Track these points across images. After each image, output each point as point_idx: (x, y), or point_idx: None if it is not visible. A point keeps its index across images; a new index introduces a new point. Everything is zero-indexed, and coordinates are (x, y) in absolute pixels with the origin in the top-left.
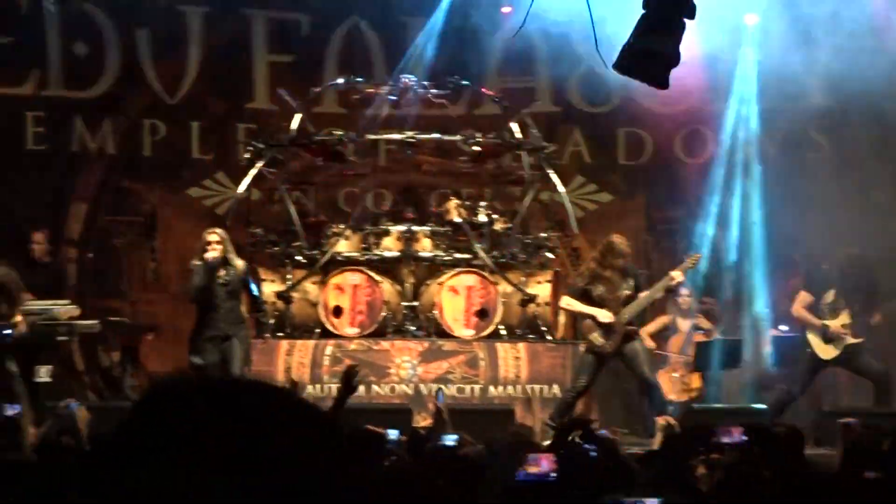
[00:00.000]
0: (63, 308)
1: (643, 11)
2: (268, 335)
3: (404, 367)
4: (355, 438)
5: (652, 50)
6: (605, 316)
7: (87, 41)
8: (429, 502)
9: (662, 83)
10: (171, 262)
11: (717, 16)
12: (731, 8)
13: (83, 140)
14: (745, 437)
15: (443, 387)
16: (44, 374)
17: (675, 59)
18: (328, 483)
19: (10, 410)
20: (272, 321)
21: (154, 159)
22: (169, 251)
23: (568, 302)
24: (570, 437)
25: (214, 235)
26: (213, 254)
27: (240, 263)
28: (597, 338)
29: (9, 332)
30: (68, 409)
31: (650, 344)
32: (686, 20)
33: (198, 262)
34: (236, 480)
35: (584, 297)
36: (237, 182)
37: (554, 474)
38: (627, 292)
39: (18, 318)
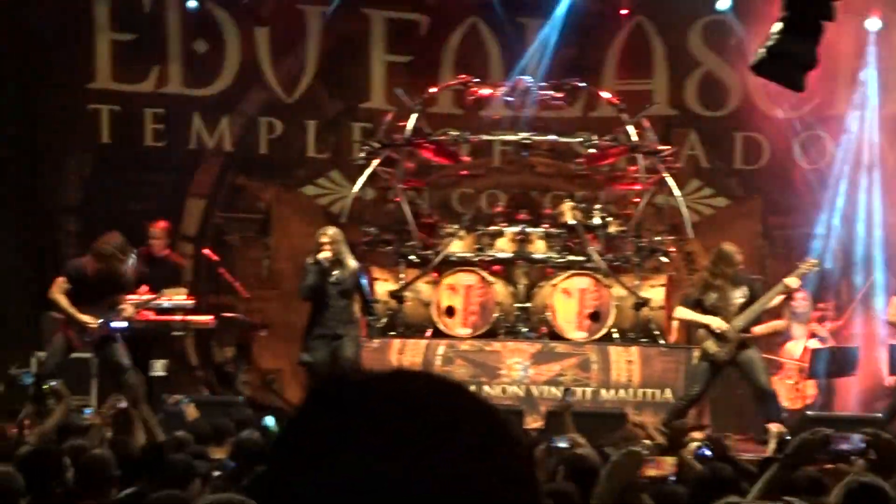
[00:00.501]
0: (170, 290)
1: (783, 13)
2: (375, 341)
3: (516, 369)
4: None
5: (791, 52)
6: (718, 324)
7: (206, 39)
8: None
9: (799, 86)
10: (285, 259)
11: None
12: (852, 11)
13: (201, 137)
14: (862, 445)
15: (571, 388)
16: (159, 368)
17: (812, 62)
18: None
19: (124, 403)
20: (384, 320)
21: (270, 157)
22: (282, 249)
23: (682, 313)
24: (685, 442)
25: (327, 237)
26: (325, 254)
27: (353, 264)
28: (711, 346)
29: (124, 325)
30: (178, 405)
31: None
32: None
33: (310, 262)
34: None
35: (697, 306)
36: (352, 181)
37: (673, 477)
38: (741, 300)
39: (127, 306)
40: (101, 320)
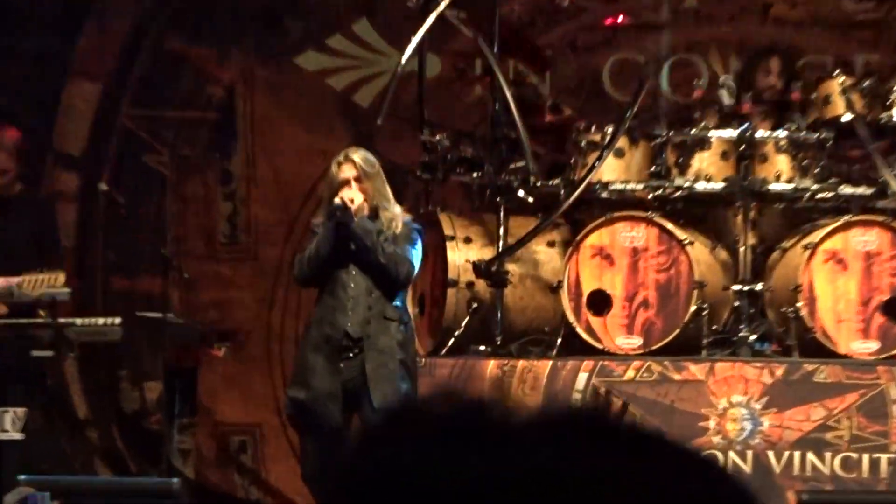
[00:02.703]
0: (35, 278)
1: None
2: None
3: (734, 417)
4: None
5: None
6: None
7: None
8: None
9: None
10: (266, 202)
11: None
12: None
13: None
14: None
15: None
16: (9, 424)
17: None
18: None
19: None
20: (465, 321)
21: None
22: (261, 180)
23: None
24: None
25: (351, 167)
26: (350, 195)
27: (398, 214)
28: None
29: None
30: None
31: None
32: None
33: (317, 222)
34: None
35: None
36: (396, 42)
37: None
38: None
39: None
40: None
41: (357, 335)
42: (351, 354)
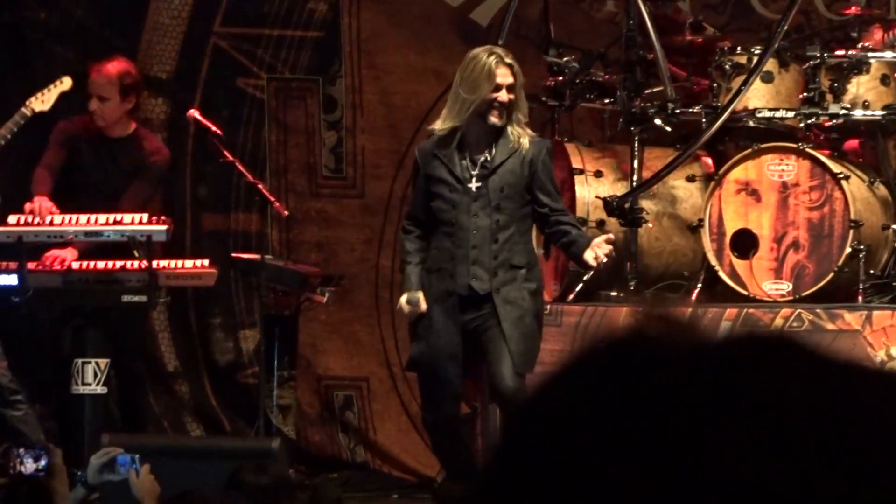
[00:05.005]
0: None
1: None
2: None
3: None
4: None
5: None
6: None
7: None
8: None
9: None
10: (374, 131)
11: None
12: None
13: None
14: None
15: None
16: (91, 377)
17: None
18: None
19: (31, 462)
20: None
21: None
22: (369, 107)
23: None
24: None
25: (508, 73)
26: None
27: (525, 130)
28: None
29: (13, 282)
30: (115, 467)
31: None
32: None
33: (439, 127)
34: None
35: None
36: None
37: None
38: None
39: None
40: None
41: (484, 291)
42: (475, 313)
